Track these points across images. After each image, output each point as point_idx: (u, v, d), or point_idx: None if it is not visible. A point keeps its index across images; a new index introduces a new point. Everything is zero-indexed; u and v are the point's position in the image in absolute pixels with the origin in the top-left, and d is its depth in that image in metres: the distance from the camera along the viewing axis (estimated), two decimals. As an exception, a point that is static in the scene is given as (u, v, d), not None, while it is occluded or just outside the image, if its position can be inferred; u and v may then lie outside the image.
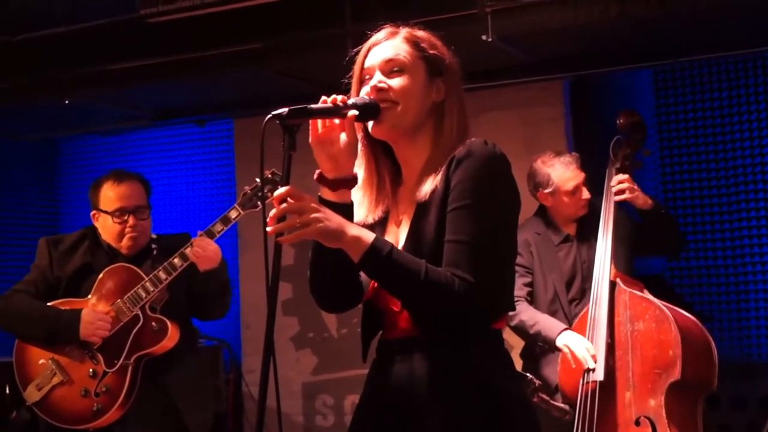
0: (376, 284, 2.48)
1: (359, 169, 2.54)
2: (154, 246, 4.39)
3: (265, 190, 3.69)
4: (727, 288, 5.89)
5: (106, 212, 4.30)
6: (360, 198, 2.55)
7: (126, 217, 4.28)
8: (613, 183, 4.47)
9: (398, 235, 2.51)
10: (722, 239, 5.91)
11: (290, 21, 5.31)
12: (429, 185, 2.41)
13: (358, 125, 2.48)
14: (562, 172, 4.55)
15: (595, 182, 4.63)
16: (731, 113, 5.93)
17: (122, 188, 4.31)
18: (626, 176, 4.48)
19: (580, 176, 4.56)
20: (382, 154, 2.58)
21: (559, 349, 4.30)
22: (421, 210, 2.44)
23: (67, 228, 6.12)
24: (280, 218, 2.24)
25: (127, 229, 4.28)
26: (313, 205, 2.27)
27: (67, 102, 5.87)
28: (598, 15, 4.82)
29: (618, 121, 4.58)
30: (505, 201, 2.43)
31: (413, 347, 2.42)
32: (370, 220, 2.54)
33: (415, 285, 2.29)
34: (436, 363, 2.39)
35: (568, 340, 4.26)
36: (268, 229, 2.23)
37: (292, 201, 2.25)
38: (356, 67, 2.54)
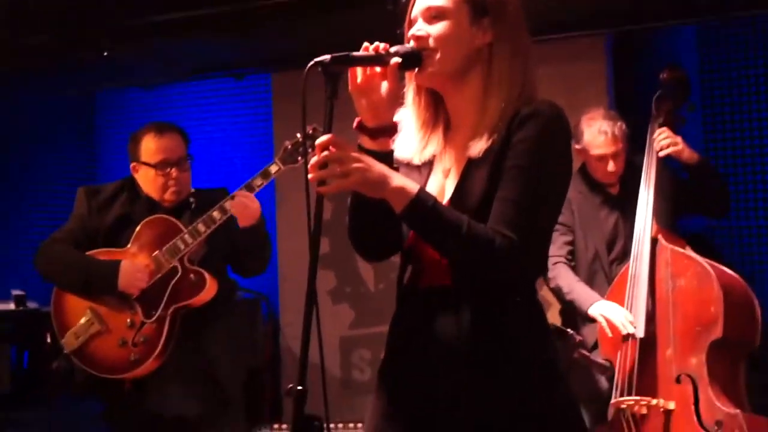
0: None
1: (413, 109, 2.50)
2: (192, 200, 4.37)
3: (306, 146, 3.66)
4: (769, 248, 5.84)
5: (148, 164, 4.28)
6: (410, 137, 2.51)
7: (169, 170, 4.26)
8: (655, 136, 4.41)
9: (444, 186, 2.47)
10: (764, 199, 5.84)
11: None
12: (484, 142, 2.35)
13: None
14: (593, 137, 4.48)
15: (638, 139, 4.57)
16: (775, 71, 5.84)
17: (164, 140, 4.30)
18: (666, 130, 4.41)
19: (611, 148, 4.45)
20: (439, 98, 2.52)
21: (593, 319, 4.26)
22: (473, 165, 2.39)
23: (105, 182, 6.10)
24: (322, 166, 2.22)
25: (170, 182, 4.27)
26: (354, 154, 2.25)
27: (105, 54, 5.84)
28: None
29: (662, 76, 4.52)
30: (561, 166, 2.40)
31: (450, 296, 2.38)
32: (416, 161, 2.51)
33: (457, 239, 2.26)
34: (472, 314, 2.34)
35: (603, 309, 4.21)
36: (310, 176, 2.21)
37: (333, 149, 2.22)
38: (407, 17, 2.49)
